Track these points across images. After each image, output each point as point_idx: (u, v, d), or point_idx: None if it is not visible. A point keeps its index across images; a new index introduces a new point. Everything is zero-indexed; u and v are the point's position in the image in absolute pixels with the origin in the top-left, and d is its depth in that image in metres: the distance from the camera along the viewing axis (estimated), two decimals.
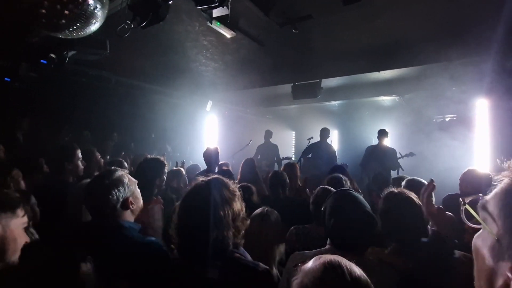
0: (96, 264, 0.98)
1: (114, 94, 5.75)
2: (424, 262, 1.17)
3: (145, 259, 1.24)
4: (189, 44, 4.64)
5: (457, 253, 1.28)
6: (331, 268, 0.72)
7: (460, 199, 0.51)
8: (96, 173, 2.74)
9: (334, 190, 1.99)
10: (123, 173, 1.47)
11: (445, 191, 2.73)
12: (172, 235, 1.15)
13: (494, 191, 0.45)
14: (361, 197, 1.37)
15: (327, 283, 0.70)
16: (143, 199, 1.55)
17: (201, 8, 2.17)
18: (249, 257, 1.22)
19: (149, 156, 2.50)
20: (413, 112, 6.60)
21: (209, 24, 3.00)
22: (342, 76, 5.57)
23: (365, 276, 0.75)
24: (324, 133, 5.72)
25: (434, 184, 1.33)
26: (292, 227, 2.02)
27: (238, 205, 1.17)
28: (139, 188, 1.53)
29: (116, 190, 1.37)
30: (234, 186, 1.21)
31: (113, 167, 1.50)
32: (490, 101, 4.69)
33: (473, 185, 2.66)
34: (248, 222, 1.22)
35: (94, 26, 1.95)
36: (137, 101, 6.12)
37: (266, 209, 1.77)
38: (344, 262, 0.75)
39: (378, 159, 4.97)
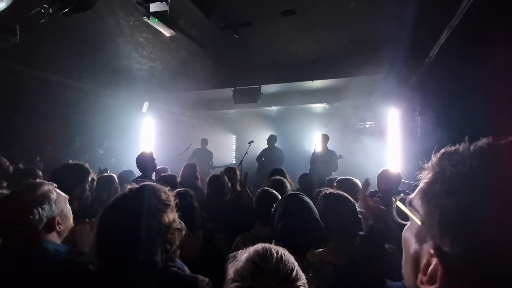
0: None
1: (26, 90, 4.88)
2: (359, 255, 1.28)
3: (68, 284, 1.06)
4: (121, 39, 4.26)
5: (386, 245, 1.45)
6: (262, 249, 0.80)
7: (393, 198, 0.58)
8: (4, 184, 2.29)
9: (275, 192, 2.07)
10: (51, 188, 1.26)
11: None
12: (91, 257, 0.99)
13: (417, 189, 0.52)
14: (311, 203, 1.42)
15: (256, 261, 0.77)
16: None
17: (137, 0, 2.03)
18: (187, 270, 1.14)
19: (70, 161, 2.19)
20: (341, 119, 7.38)
21: (146, 19, 2.82)
22: (280, 83, 5.90)
23: (294, 260, 0.80)
24: (273, 139, 6.27)
25: (369, 182, 1.50)
26: (238, 237, 1.97)
27: (170, 216, 1.05)
28: None
29: (40, 209, 1.16)
30: (167, 194, 1.09)
31: (38, 180, 1.27)
32: (400, 110, 5.55)
33: (387, 183, 3.12)
34: (183, 233, 1.12)
35: None
36: (56, 99, 5.32)
37: None
38: (275, 247, 0.82)
39: (322, 162, 5.38)
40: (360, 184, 2.72)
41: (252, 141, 5.86)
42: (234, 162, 9.84)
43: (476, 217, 0.40)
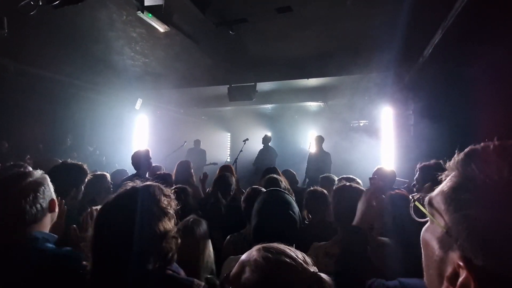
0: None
1: (13, 85, 4.75)
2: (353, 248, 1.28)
3: (58, 274, 1.04)
4: (113, 34, 4.18)
5: (383, 239, 1.45)
6: (263, 248, 0.77)
7: (410, 196, 0.56)
8: None
9: (263, 190, 2.01)
10: (42, 175, 1.26)
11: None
12: (85, 251, 0.97)
13: (439, 188, 0.50)
14: (289, 198, 1.38)
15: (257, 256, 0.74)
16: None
17: None
18: (182, 273, 1.11)
19: (69, 160, 2.13)
20: (335, 117, 7.41)
21: (140, 14, 2.76)
22: (275, 81, 5.88)
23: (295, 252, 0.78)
24: (267, 139, 6.27)
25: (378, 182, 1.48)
26: (228, 236, 1.94)
27: (167, 225, 1.01)
28: None
29: (32, 195, 1.15)
30: (168, 201, 1.05)
31: (30, 170, 1.27)
32: (393, 109, 5.59)
33: (382, 181, 3.14)
34: (179, 241, 1.08)
35: None
36: (46, 95, 5.20)
37: (191, 219, 1.63)
38: (276, 244, 0.79)
39: (317, 163, 5.39)
40: (361, 184, 2.78)
41: (247, 139, 5.83)
42: (228, 160, 9.80)
43: None
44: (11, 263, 1.05)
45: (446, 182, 0.48)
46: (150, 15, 2.91)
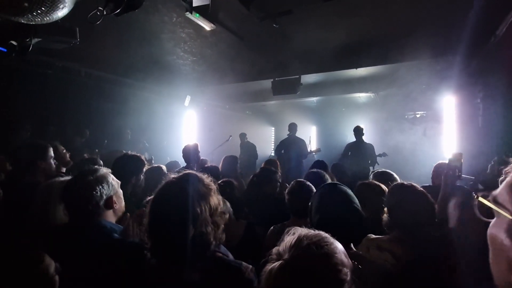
0: (69, 265, 0.92)
1: (83, 87, 5.39)
2: (428, 251, 1.21)
3: (124, 261, 1.15)
4: (165, 36, 4.45)
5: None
6: (297, 235, 0.80)
7: (473, 194, 0.54)
8: (63, 170, 2.58)
9: (309, 184, 2.02)
10: (107, 172, 1.42)
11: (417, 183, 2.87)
12: (144, 239, 1.06)
13: (503, 184, 0.50)
14: (349, 191, 1.35)
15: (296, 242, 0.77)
16: None
17: None
18: (230, 256, 1.16)
19: (130, 152, 2.38)
20: (387, 109, 6.88)
21: (188, 15, 2.88)
22: (321, 72, 5.66)
23: (337, 245, 0.78)
24: (293, 127, 5.86)
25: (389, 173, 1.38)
26: (271, 227, 1.97)
27: (215, 199, 1.09)
28: None
29: (100, 187, 1.31)
30: (209, 180, 1.14)
31: (96, 166, 1.44)
32: (457, 98, 4.98)
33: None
34: (227, 216, 1.16)
35: (61, 12, 1.78)
36: (109, 95, 5.80)
37: None
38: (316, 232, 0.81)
39: (358, 155, 5.12)
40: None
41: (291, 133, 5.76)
42: (272, 154, 9.84)
43: None
44: (81, 243, 1.20)
45: (509, 176, 0.48)
46: (198, 15, 3.02)
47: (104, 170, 1.41)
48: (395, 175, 2.75)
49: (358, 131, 5.39)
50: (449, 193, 1.69)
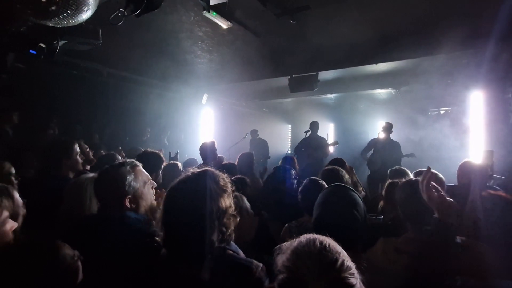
0: (91, 254, 0.98)
1: (106, 86, 5.61)
2: (431, 250, 1.17)
3: (143, 250, 1.19)
4: (183, 34, 4.52)
5: (459, 238, 1.28)
6: (306, 239, 0.80)
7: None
8: (87, 167, 2.70)
9: (322, 182, 2.01)
10: (139, 166, 1.47)
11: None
12: (157, 230, 1.10)
13: None
14: (354, 195, 1.31)
15: (299, 251, 0.77)
16: None
17: None
18: (241, 254, 1.17)
19: (149, 149, 2.44)
20: (409, 105, 6.63)
21: (205, 13, 2.91)
22: (339, 68, 5.53)
23: (340, 250, 0.77)
24: (314, 126, 5.74)
25: (432, 171, 1.31)
26: (286, 225, 1.99)
27: (227, 202, 1.10)
28: None
29: (131, 180, 1.37)
30: (225, 180, 1.14)
31: (128, 160, 1.49)
32: (484, 93, 4.71)
33: (469, 176, 2.68)
34: (238, 219, 1.15)
35: (86, 14, 1.86)
36: (130, 94, 5.99)
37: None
38: (321, 237, 0.80)
39: (384, 152, 4.98)
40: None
41: (309, 130, 5.69)
42: (289, 151, 9.78)
43: None
44: (106, 232, 1.25)
45: None
46: (215, 13, 3.05)
47: (135, 164, 1.45)
48: (410, 173, 2.71)
49: (387, 129, 5.21)
50: (479, 194, 1.60)
